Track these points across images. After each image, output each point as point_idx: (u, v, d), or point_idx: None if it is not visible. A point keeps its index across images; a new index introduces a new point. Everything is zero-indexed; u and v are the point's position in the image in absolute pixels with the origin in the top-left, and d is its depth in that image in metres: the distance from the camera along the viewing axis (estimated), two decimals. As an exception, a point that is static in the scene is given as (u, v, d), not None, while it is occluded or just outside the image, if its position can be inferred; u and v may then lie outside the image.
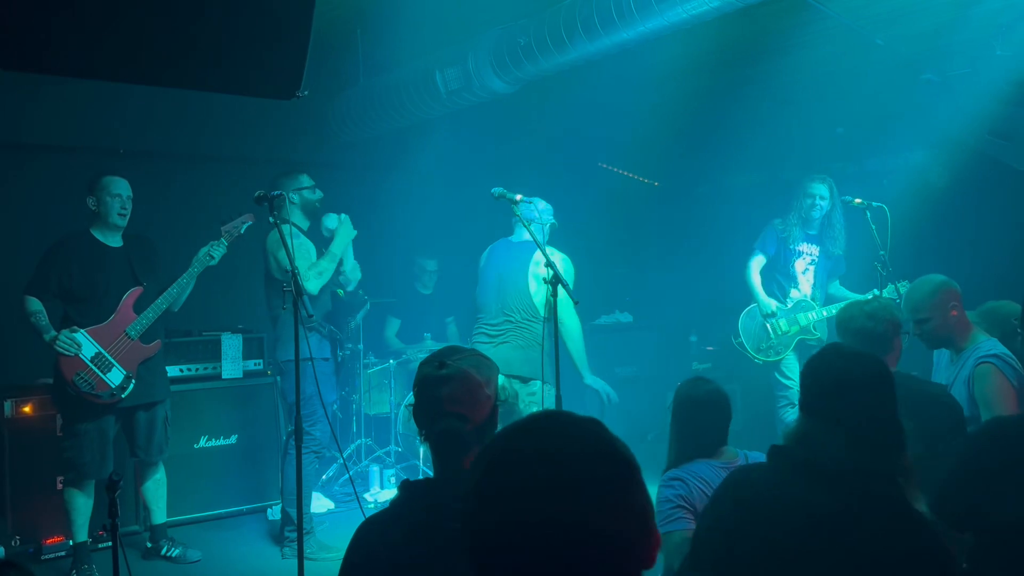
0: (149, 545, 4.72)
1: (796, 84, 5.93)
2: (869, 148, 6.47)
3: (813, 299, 5.37)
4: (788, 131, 6.31)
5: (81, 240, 4.40)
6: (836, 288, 5.48)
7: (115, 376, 4.29)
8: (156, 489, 4.70)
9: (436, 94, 5.58)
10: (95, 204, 4.37)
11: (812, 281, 5.41)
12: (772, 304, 5.35)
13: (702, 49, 5.20)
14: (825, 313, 5.25)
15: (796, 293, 5.37)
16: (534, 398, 4.59)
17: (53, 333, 4.22)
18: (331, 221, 4.85)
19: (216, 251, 4.47)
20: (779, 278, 5.42)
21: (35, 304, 4.24)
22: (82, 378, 4.21)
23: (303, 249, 4.68)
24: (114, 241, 4.46)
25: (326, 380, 4.76)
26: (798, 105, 6.10)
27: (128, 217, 4.43)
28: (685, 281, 7.20)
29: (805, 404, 2.07)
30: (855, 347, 2.91)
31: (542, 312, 4.62)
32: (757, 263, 5.45)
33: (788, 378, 5.30)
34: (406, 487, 1.82)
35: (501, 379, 2.08)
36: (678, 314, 7.37)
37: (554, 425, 1.14)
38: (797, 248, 5.38)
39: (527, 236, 4.37)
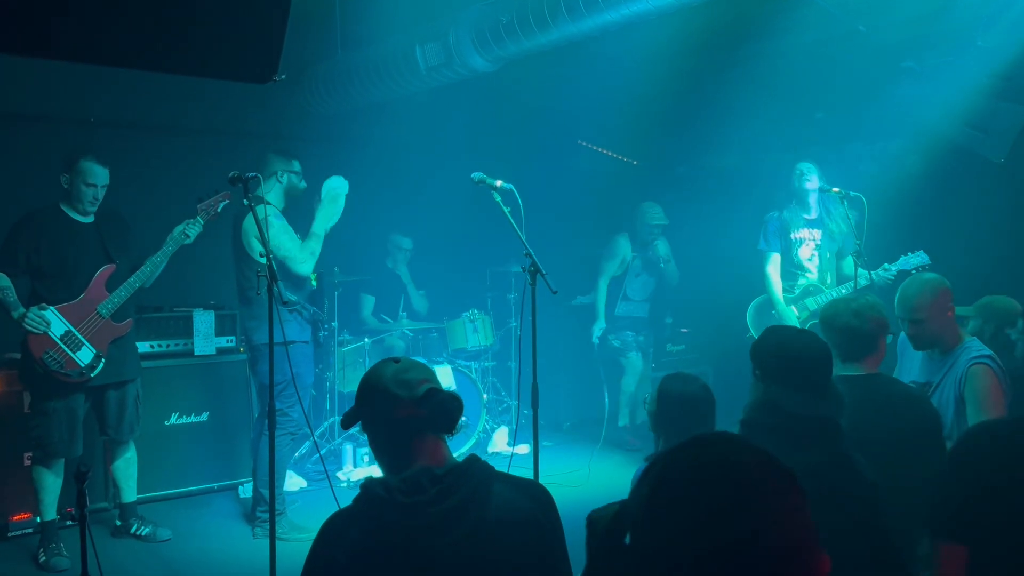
0: (119, 523, 4.68)
1: (778, 69, 5.91)
2: (847, 134, 6.49)
3: (822, 283, 5.37)
4: (768, 115, 6.30)
5: (50, 215, 4.29)
6: (849, 266, 5.37)
7: (85, 355, 4.22)
8: (127, 468, 4.64)
9: (416, 70, 5.50)
10: (68, 184, 4.26)
11: (819, 265, 5.40)
12: (795, 311, 5.33)
13: (685, 32, 5.15)
14: (834, 295, 5.17)
15: (808, 278, 5.36)
16: None
17: (22, 310, 4.12)
18: (338, 183, 4.74)
19: (191, 230, 4.37)
20: (787, 269, 5.40)
21: (2, 280, 4.14)
22: (51, 356, 4.13)
23: (287, 231, 4.60)
24: (85, 217, 4.36)
25: (306, 362, 4.73)
26: (779, 89, 6.08)
27: (99, 204, 4.33)
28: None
29: (768, 374, 2.39)
30: (833, 345, 2.94)
31: None
32: (775, 267, 5.40)
33: None
34: (367, 486, 1.83)
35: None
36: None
37: (720, 440, 1.11)
38: (798, 236, 5.36)
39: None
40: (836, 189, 4.91)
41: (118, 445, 4.61)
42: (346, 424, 2.01)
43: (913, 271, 4.63)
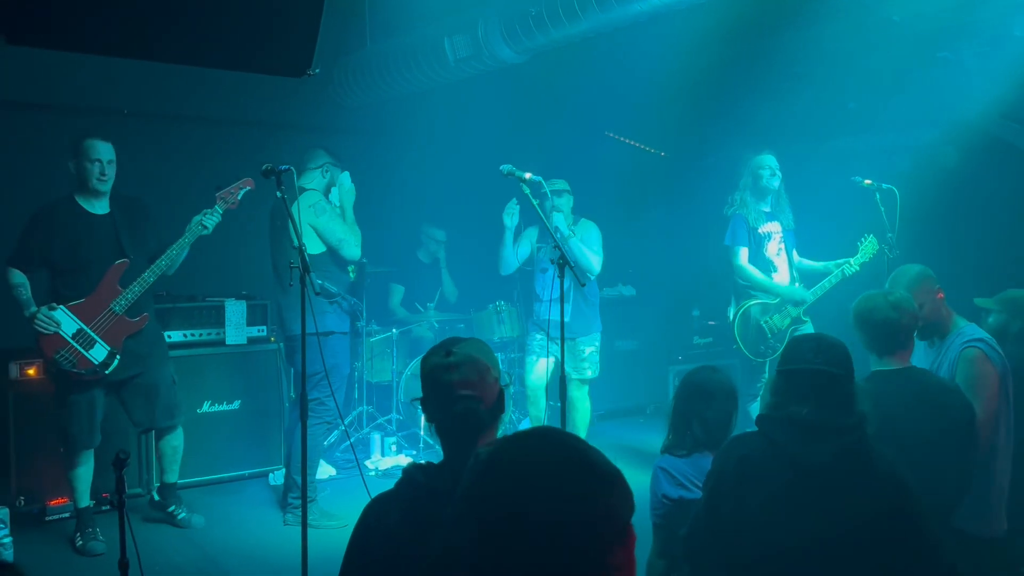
0: (156, 498, 4.72)
1: (809, 58, 5.84)
2: (879, 125, 6.40)
3: (793, 280, 5.28)
4: (798, 105, 6.23)
5: (64, 207, 4.25)
6: (799, 262, 5.38)
7: (98, 352, 4.17)
8: (173, 454, 4.66)
9: (444, 61, 5.51)
10: (75, 168, 4.22)
11: (786, 261, 5.30)
12: (797, 285, 5.22)
13: (715, 21, 5.11)
14: (812, 297, 5.14)
15: (777, 278, 5.23)
16: None
17: (33, 309, 4.09)
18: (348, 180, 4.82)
19: (209, 220, 4.30)
20: (756, 266, 5.22)
21: (16, 276, 4.15)
22: (63, 356, 4.10)
23: (338, 217, 4.67)
24: (100, 208, 4.31)
25: (344, 353, 4.83)
26: (810, 79, 6.02)
27: (110, 181, 4.27)
28: (689, 254, 7.18)
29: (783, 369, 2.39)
30: (870, 340, 2.93)
31: None
32: (746, 259, 5.23)
33: None
34: (408, 471, 1.87)
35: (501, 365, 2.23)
36: (681, 288, 7.36)
37: (542, 437, 1.22)
38: (764, 230, 5.25)
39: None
40: (868, 181, 4.84)
41: (164, 431, 4.60)
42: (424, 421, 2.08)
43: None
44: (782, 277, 5.26)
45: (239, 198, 4.40)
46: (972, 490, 2.93)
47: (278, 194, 3.48)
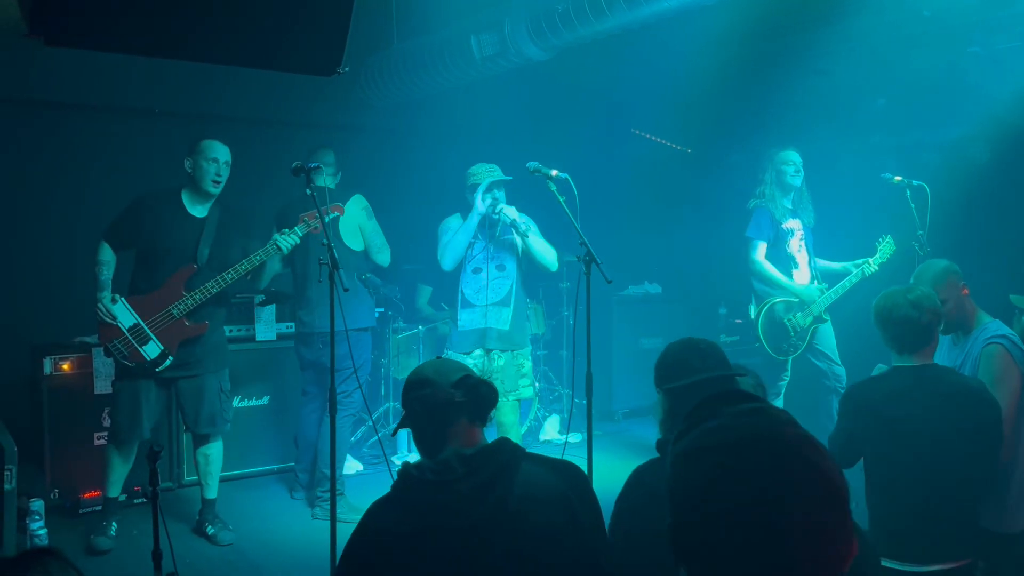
0: (197, 518, 4.62)
1: (837, 54, 5.79)
2: (910, 121, 6.32)
3: (813, 278, 5.23)
4: (827, 101, 6.18)
5: (165, 198, 4.32)
6: (820, 263, 5.34)
7: (151, 349, 4.20)
8: (205, 465, 4.52)
9: (471, 59, 5.53)
10: (191, 167, 4.27)
11: (807, 259, 5.26)
12: (816, 283, 5.18)
13: (743, 18, 5.08)
14: (834, 296, 5.10)
15: (798, 275, 5.19)
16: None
17: (103, 293, 4.19)
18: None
19: (285, 242, 4.22)
20: (777, 262, 5.17)
21: (106, 252, 4.25)
22: (116, 347, 4.17)
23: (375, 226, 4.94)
24: (199, 211, 4.34)
25: (368, 349, 5.06)
26: (838, 75, 5.97)
27: (223, 184, 4.30)
28: (716, 252, 7.14)
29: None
30: (891, 338, 2.91)
31: None
32: (762, 254, 5.17)
33: (832, 360, 5.22)
34: (401, 470, 1.92)
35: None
36: (708, 285, 7.33)
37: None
38: (788, 226, 5.21)
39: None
40: (898, 178, 4.80)
41: (199, 440, 4.52)
42: (395, 432, 2.15)
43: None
44: (803, 275, 5.23)
45: (327, 222, 4.18)
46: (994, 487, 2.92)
47: (307, 191, 3.52)
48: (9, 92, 5.57)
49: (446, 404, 2.03)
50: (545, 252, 4.69)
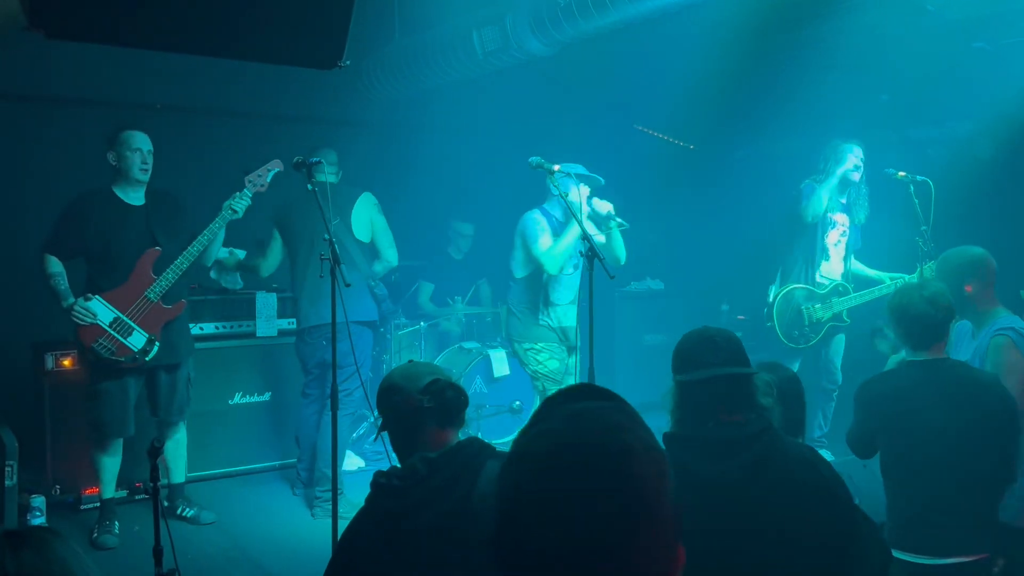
0: (166, 504, 4.66)
1: (841, 49, 5.76)
2: (914, 117, 6.30)
3: (844, 276, 5.21)
4: (831, 98, 6.15)
5: (100, 197, 4.29)
6: (854, 264, 5.30)
7: (137, 339, 4.20)
8: (176, 449, 4.63)
9: (472, 54, 5.51)
10: (115, 159, 4.25)
11: (842, 254, 5.22)
12: (840, 283, 5.14)
13: (745, 12, 5.05)
14: (859, 300, 5.05)
15: (827, 267, 5.16)
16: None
17: (71, 301, 4.13)
18: None
19: (238, 204, 4.27)
20: (807, 249, 5.13)
21: (53, 264, 4.17)
22: (102, 344, 4.14)
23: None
24: (135, 199, 4.35)
25: (369, 345, 5.06)
26: (842, 71, 5.94)
27: (150, 171, 4.30)
28: (718, 248, 7.13)
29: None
30: (905, 334, 2.90)
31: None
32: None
33: (835, 367, 5.20)
34: (373, 479, 1.96)
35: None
36: (710, 282, 7.31)
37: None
38: (833, 217, 5.17)
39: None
40: (902, 173, 4.77)
41: (168, 427, 4.58)
42: (376, 438, 2.25)
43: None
44: (833, 269, 5.18)
45: (268, 181, 4.36)
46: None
47: (309, 187, 3.50)
48: (5, 87, 5.55)
49: (414, 411, 2.06)
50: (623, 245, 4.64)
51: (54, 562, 1.39)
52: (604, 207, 4.42)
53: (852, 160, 5.13)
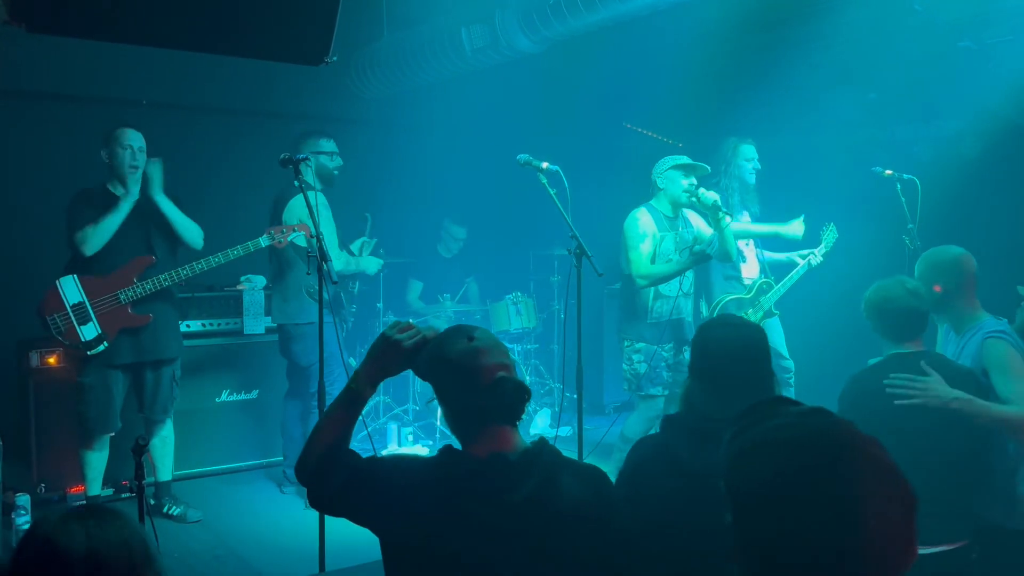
0: (152, 502, 4.67)
1: (829, 48, 5.79)
2: (901, 115, 6.33)
3: (761, 271, 5.20)
4: (819, 96, 6.18)
5: (98, 193, 4.35)
6: (765, 255, 5.31)
7: (88, 331, 4.20)
8: (163, 447, 4.67)
9: (461, 51, 5.50)
10: (107, 156, 4.31)
11: (755, 252, 5.21)
12: (762, 278, 5.13)
13: (734, 11, 5.07)
14: (783, 289, 5.08)
15: (745, 269, 5.14)
16: None
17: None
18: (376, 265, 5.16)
19: (245, 249, 4.35)
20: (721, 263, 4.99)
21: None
22: (54, 321, 4.16)
23: (331, 223, 4.71)
24: (130, 196, 4.34)
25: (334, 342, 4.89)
26: (830, 70, 5.96)
27: (139, 170, 4.33)
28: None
29: (692, 368, 2.28)
30: (888, 327, 2.92)
31: None
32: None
33: (780, 355, 5.18)
34: (447, 458, 1.90)
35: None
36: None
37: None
38: (739, 220, 5.14)
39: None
40: (889, 171, 4.80)
41: (154, 424, 4.60)
42: (422, 376, 2.00)
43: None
44: (751, 268, 5.19)
45: (287, 240, 4.43)
46: (998, 479, 2.92)
47: (296, 183, 3.49)
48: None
49: (478, 410, 1.91)
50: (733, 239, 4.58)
51: (135, 534, 1.51)
52: (711, 196, 4.40)
53: (749, 165, 5.20)
